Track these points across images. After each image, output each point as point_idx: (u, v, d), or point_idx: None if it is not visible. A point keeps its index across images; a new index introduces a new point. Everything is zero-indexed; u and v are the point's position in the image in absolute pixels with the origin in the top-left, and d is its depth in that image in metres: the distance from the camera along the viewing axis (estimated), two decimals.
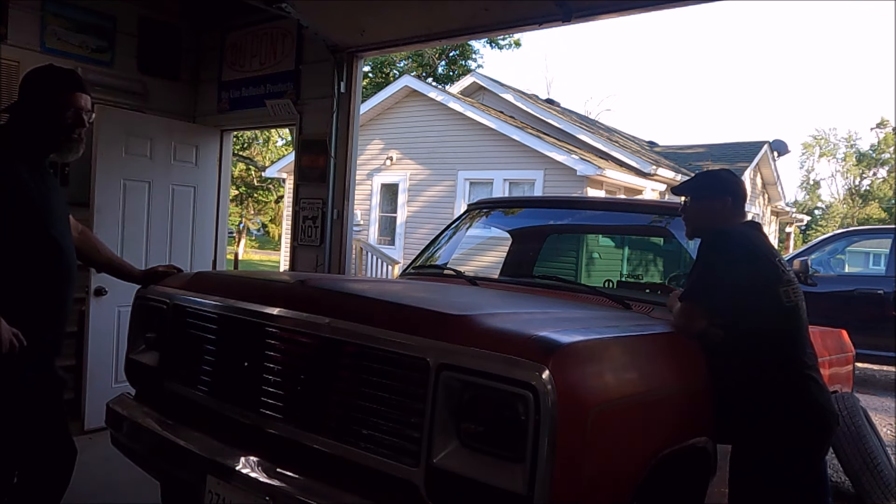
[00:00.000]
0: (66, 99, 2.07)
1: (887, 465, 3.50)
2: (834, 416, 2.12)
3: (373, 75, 22.45)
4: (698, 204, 2.32)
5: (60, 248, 2.08)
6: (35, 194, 2.02)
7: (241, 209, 28.59)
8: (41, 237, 2.02)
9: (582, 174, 10.97)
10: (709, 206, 2.28)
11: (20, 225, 1.96)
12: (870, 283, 7.28)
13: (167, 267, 2.59)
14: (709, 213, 2.28)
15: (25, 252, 2.00)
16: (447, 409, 1.57)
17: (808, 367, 2.11)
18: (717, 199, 2.28)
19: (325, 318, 1.84)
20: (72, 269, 2.15)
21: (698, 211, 2.32)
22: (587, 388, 1.57)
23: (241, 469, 1.85)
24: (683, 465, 1.98)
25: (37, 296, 2.04)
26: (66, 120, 2.06)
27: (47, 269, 2.05)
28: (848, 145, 42.13)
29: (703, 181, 2.36)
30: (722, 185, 2.31)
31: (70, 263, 2.14)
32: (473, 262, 6.28)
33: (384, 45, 4.23)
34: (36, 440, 2.12)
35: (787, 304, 2.10)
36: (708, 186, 2.32)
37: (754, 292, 2.07)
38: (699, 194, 2.32)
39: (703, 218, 2.30)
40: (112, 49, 4.49)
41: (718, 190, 2.29)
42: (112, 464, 2.65)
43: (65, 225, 2.16)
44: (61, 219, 2.14)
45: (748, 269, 2.08)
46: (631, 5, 3.29)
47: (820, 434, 2.11)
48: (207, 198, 4.82)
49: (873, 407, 5.85)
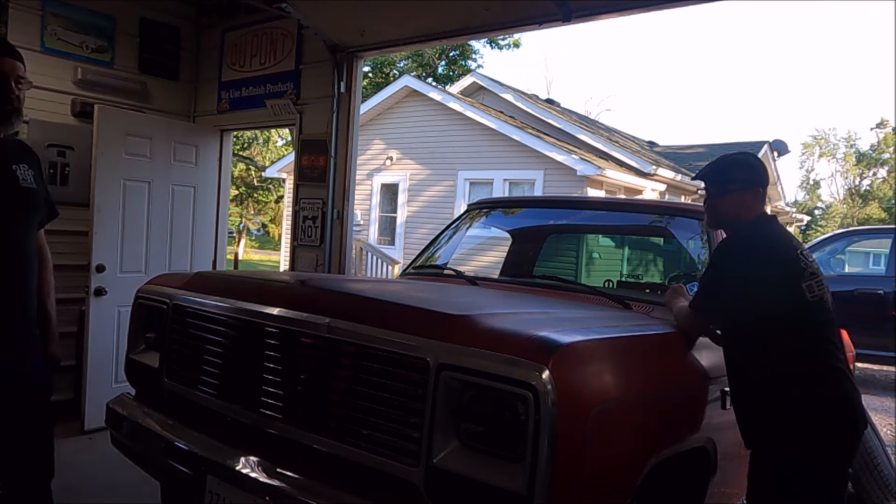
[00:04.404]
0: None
1: (887, 465, 3.50)
2: (864, 415, 2.05)
3: (373, 75, 22.45)
4: (726, 195, 2.15)
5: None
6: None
7: (241, 209, 28.60)
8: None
9: (582, 174, 10.97)
10: (738, 199, 2.13)
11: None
12: (870, 283, 7.28)
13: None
14: (736, 205, 2.13)
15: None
16: (447, 409, 1.57)
17: (839, 360, 2.01)
18: (747, 191, 2.13)
19: (325, 318, 1.84)
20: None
21: (724, 202, 2.16)
22: (587, 387, 1.57)
23: (241, 469, 1.85)
24: (683, 465, 1.98)
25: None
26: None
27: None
28: (848, 145, 42.15)
29: (732, 171, 2.17)
30: (752, 175, 2.16)
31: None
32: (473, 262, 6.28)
33: (384, 45, 4.23)
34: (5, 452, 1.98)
35: (811, 299, 1.99)
36: (738, 178, 2.14)
37: (774, 293, 1.97)
38: (727, 187, 2.14)
39: (730, 210, 2.15)
40: (112, 49, 4.49)
41: (748, 182, 2.14)
42: (112, 464, 2.65)
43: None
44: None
45: (765, 272, 1.97)
46: (631, 5, 3.29)
47: (851, 434, 2.00)
48: (207, 198, 4.82)
49: (873, 407, 5.85)
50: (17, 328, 1.99)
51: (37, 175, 2.10)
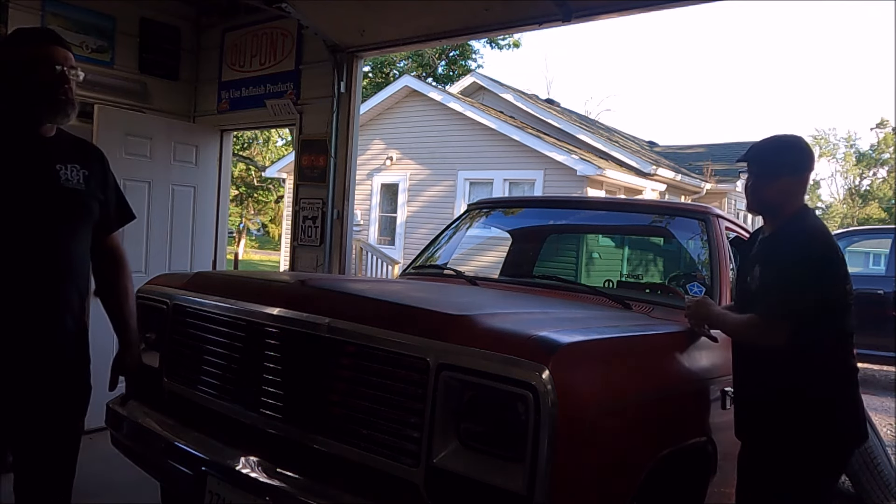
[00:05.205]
0: (38, 54, 1.84)
1: (887, 464, 3.50)
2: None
3: (373, 75, 22.45)
4: (774, 179, 2.03)
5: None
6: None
7: (241, 209, 28.60)
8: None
9: (582, 174, 10.97)
10: (786, 184, 2.02)
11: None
12: (870, 283, 7.28)
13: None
14: (784, 191, 2.03)
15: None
16: (447, 409, 1.57)
17: (857, 373, 2.03)
18: (796, 176, 2.04)
19: (325, 318, 1.84)
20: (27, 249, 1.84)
21: (772, 187, 2.04)
22: (587, 387, 1.57)
23: (241, 469, 1.85)
24: (683, 465, 1.98)
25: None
26: (42, 76, 1.83)
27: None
28: (848, 145, 42.13)
29: (784, 154, 2.05)
30: (804, 159, 2.05)
31: (28, 243, 1.83)
32: (473, 262, 6.28)
33: (384, 45, 4.23)
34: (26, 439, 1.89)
35: (849, 303, 1.97)
36: (789, 162, 2.03)
37: (835, 294, 1.93)
38: (778, 171, 2.02)
39: (776, 195, 2.04)
40: (112, 49, 4.48)
41: (799, 167, 2.04)
42: (112, 464, 2.64)
43: (36, 202, 1.85)
44: (31, 194, 1.84)
45: (835, 272, 1.92)
46: (631, 5, 3.29)
47: (852, 448, 2.03)
48: (207, 198, 4.82)
49: (873, 407, 5.84)
50: (46, 337, 1.87)
51: (91, 175, 1.99)
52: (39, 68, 1.84)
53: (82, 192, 1.95)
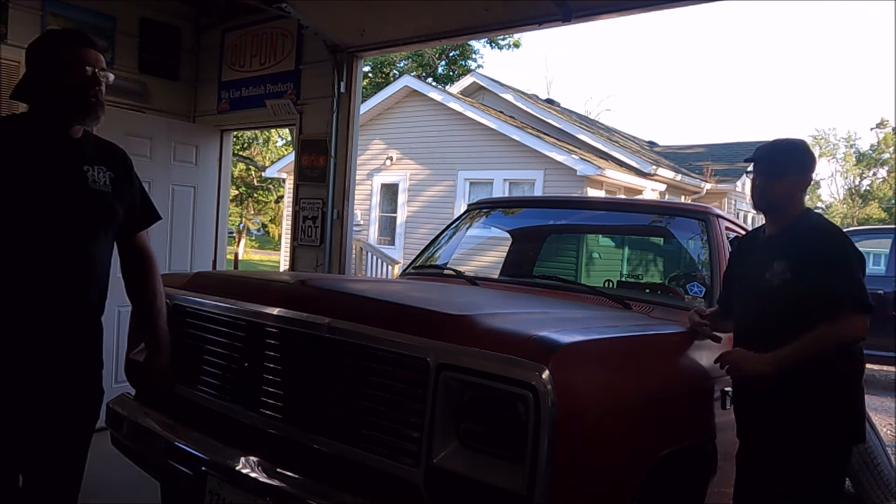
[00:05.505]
0: (70, 55, 1.85)
1: (887, 464, 3.50)
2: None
3: (373, 75, 22.44)
4: (782, 178, 2.13)
5: (28, 225, 1.77)
6: (13, 165, 1.75)
7: (241, 209, 28.59)
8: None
9: (582, 174, 10.97)
10: (793, 183, 2.13)
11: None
12: (870, 283, 7.26)
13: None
14: (790, 190, 2.14)
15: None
16: (447, 409, 1.57)
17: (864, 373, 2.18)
18: (802, 176, 2.15)
19: (325, 318, 1.84)
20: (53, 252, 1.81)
21: (780, 186, 2.13)
22: (587, 387, 1.57)
23: (241, 469, 1.85)
24: (683, 465, 1.98)
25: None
26: (73, 78, 1.84)
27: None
28: (848, 145, 42.12)
29: (792, 155, 2.16)
30: (809, 161, 2.18)
31: (51, 245, 1.81)
32: (473, 262, 6.27)
33: (384, 45, 4.23)
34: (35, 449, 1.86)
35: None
36: (796, 162, 2.15)
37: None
38: (786, 171, 2.13)
39: (782, 194, 2.14)
40: (112, 49, 4.48)
41: (805, 168, 2.17)
42: (112, 464, 2.64)
43: (66, 205, 1.83)
44: (57, 196, 1.82)
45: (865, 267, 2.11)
46: (631, 5, 3.29)
47: (851, 446, 2.12)
48: (207, 198, 4.81)
49: (873, 407, 5.84)
50: (66, 337, 1.87)
51: (117, 177, 2.00)
52: (71, 70, 1.85)
53: (108, 193, 1.95)
